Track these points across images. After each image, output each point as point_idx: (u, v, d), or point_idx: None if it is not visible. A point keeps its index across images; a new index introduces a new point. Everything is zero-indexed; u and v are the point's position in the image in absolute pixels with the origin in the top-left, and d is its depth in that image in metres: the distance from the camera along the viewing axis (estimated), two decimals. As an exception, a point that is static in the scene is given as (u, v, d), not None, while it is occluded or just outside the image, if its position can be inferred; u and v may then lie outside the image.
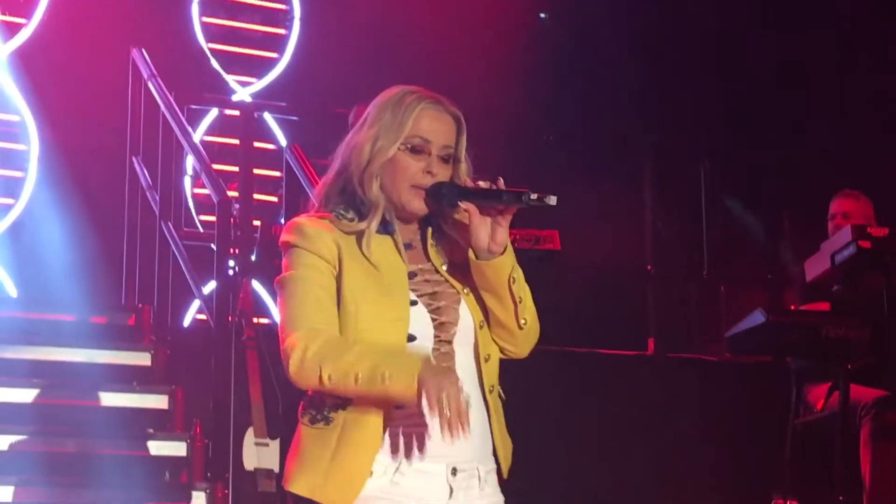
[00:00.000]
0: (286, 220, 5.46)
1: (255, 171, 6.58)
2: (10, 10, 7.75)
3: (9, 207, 7.50)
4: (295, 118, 7.91)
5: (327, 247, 3.11)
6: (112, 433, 5.28)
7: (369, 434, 3.03)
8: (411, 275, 3.14)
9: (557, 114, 8.38)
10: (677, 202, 8.84)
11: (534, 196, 3.05)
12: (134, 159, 6.40)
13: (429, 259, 3.19)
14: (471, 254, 3.12)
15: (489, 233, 3.09)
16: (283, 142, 5.45)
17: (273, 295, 6.41)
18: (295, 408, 5.30)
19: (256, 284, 6.48)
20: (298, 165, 5.11)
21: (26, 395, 5.36)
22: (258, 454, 5.53)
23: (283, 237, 3.17)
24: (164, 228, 6.03)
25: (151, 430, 5.39)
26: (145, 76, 6.34)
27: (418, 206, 3.13)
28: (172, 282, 5.98)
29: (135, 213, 6.37)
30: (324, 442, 3.05)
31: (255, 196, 6.55)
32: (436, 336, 3.11)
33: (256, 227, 6.39)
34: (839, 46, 8.69)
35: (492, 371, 3.19)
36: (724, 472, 6.51)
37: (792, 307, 6.65)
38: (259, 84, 8.44)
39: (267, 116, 7.87)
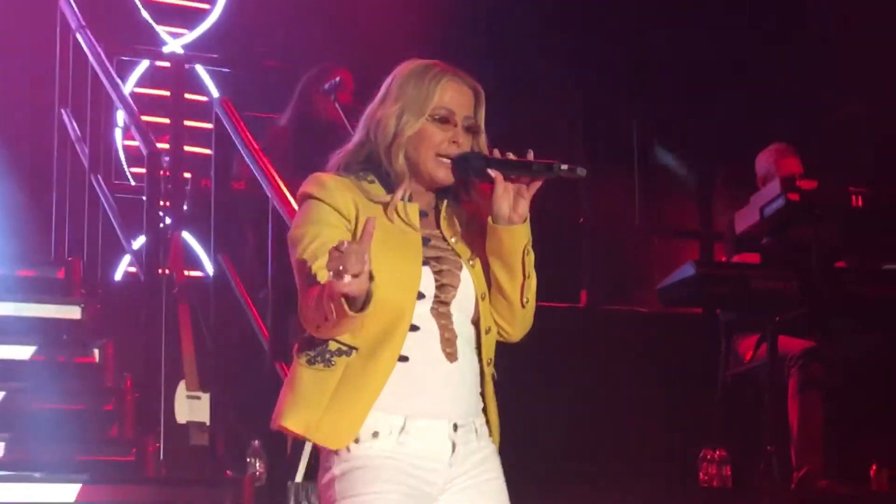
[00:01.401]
0: (216, 173, 5.47)
1: (186, 123, 6.55)
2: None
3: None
4: (226, 70, 7.90)
5: (345, 203, 3.14)
6: (42, 387, 5.25)
7: (370, 382, 3.07)
8: (425, 240, 3.18)
9: (494, 70, 8.38)
10: (610, 156, 8.88)
11: (564, 167, 3.11)
12: (62, 111, 6.35)
13: (439, 228, 3.23)
14: (490, 220, 3.17)
15: (511, 203, 3.15)
16: (215, 94, 5.43)
17: (205, 247, 6.40)
18: (225, 361, 5.32)
19: (188, 237, 6.47)
20: (228, 119, 5.08)
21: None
22: (190, 407, 5.53)
23: (303, 188, 3.19)
24: (93, 181, 5.98)
25: (80, 386, 5.37)
26: (74, 26, 6.28)
27: (444, 174, 3.17)
28: (103, 235, 5.94)
29: (64, 166, 6.33)
30: (323, 383, 3.07)
31: (187, 148, 6.53)
32: (435, 296, 3.15)
33: (187, 179, 6.37)
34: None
35: (490, 344, 3.25)
36: (654, 422, 6.56)
37: (723, 259, 6.71)
38: (190, 35, 8.33)
39: (198, 68, 7.84)
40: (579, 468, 5.64)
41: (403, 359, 3.09)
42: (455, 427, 3.14)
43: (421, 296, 3.13)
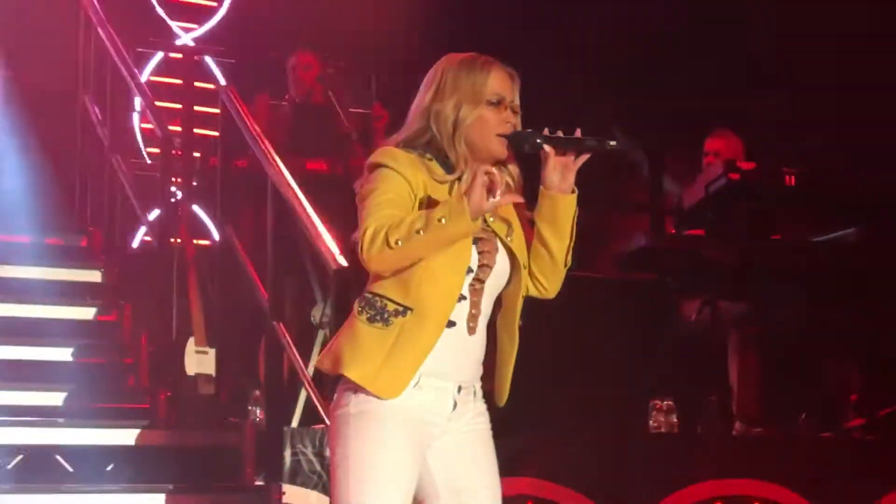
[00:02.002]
0: (222, 153, 5.49)
1: (196, 108, 6.55)
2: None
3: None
4: (232, 61, 7.91)
5: (415, 176, 3.20)
6: (67, 343, 5.28)
7: (423, 343, 3.13)
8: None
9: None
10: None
11: (612, 143, 3.22)
12: (85, 97, 6.35)
13: None
14: (542, 189, 3.24)
15: (561, 174, 3.22)
16: (222, 82, 5.46)
17: (212, 218, 6.42)
18: (229, 320, 5.36)
19: (197, 209, 6.49)
20: (233, 104, 5.10)
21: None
22: (198, 361, 5.56)
23: (375, 159, 3.22)
24: (113, 160, 6.00)
25: (102, 342, 5.40)
26: (96, 22, 6.28)
27: (502, 151, 3.24)
28: (121, 208, 5.96)
29: (86, 146, 6.35)
30: (381, 340, 3.13)
31: (196, 131, 6.54)
32: (476, 274, 3.20)
33: (197, 158, 6.39)
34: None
35: (520, 308, 3.31)
36: (610, 375, 6.59)
37: (672, 231, 6.74)
38: (200, 30, 8.38)
39: (207, 59, 7.84)
40: (544, 416, 5.67)
41: (451, 324, 3.18)
42: (459, 389, 3.23)
43: (470, 270, 3.19)
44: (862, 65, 8.10)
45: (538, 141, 3.22)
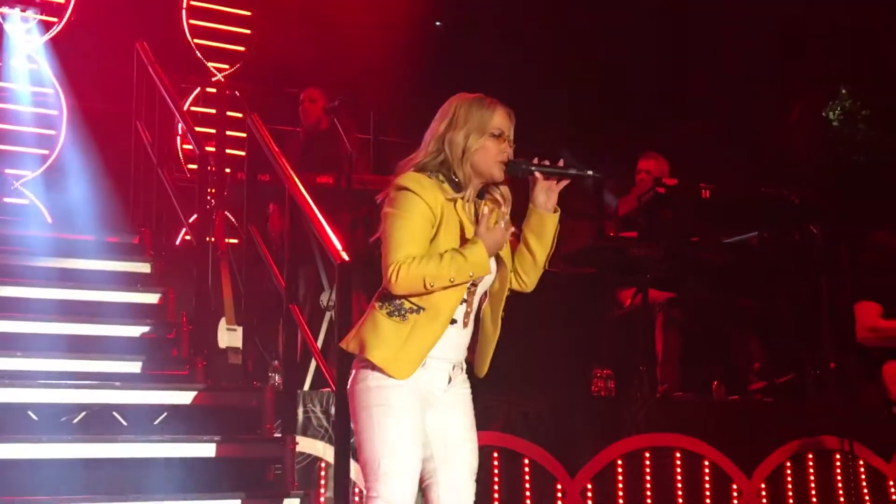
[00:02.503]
0: (248, 169, 5.48)
1: (228, 132, 6.54)
2: (45, 11, 7.60)
3: (46, 157, 7.40)
4: (256, 94, 7.89)
5: (437, 201, 3.24)
6: (121, 321, 5.26)
7: (432, 336, 3.21)
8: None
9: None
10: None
11: (590, 172, 3.34)
12: (138, 122, 6.31)
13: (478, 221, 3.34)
14: (531, 207, 3.32)
15: (546, 195, 3.30)
16: (248, 111, 5.44)
17: (238, 221, 6.39)
18: (253, 303, 5.33)
19: (228, 214, 6.46)
20: (257, 129, 5.08)
21: (60, 294, 5.33)
22: (228, 336, 5.54)
23: (404, 182, 3.24)
24: (160, 173, 5.97)
25: (150, 320, 5.37)
26: (146, 62, 6.24)
27: (500, 175, 3.30)
28: (166, 212, 5.93)
29: (138, 162, 6.29)
30: (398, 332, 3.20)
31: (228, 151, 6.53)
32: (473, 282, 3.28)
33: (228, 173, 6.35)
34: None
35: (503, 301, 3.38)
36: (559, 350, 6.59)
37: (610, 234, 6.74)
38: (231, 69, 8.39)
39: (236, 93, 7.81)
40: (508, 382, 5.66)
41: (453, 321, 3.26)
42: (453, 367, 3.31)
43: (470, 275, 3.24)
44: (762, 105, 8.14)
45: (531, 168, 3.29)
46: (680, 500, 5.61)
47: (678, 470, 5.64)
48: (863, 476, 5.99)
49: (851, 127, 8.40)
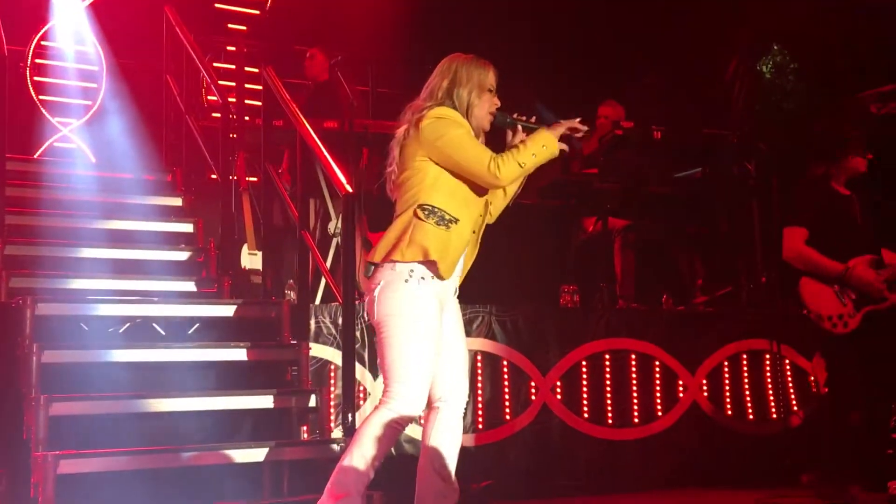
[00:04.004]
0: (264, 116, 5.42)
1: (246, 85, 6.47)
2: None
3: (89, 108, 7.31)
4: (269, 51, 7.78)
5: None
6: (158, 247, 5.24)
7: (463, 243, 3.30)
8: None
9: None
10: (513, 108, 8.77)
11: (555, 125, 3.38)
12: (167, 75, 6.23)
13: None
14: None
15: (520, 139, 3.39)
16: (263, 66, 5.36)
17: (257, 161, 6.34)
18: (271, 231, 5.32)
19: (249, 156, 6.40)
20: (271, 81, 5.02)
21: (104, 224, 5.30)
22: (250, 259, 5.54)
23: (442, 113, 3.31)
24: (188, 120, 5.90)
25: (183, 245, 5.35)
26: (174, 23, 6.14)
27: (488, 124, 3.42)
28: (195, 154, 5.88)
29: (169, 111, 6.22)
30: (446, 237, 3.26)
31: (246, 101, 6.46)
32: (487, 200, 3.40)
33: (247, 120, 6.30)
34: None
35: (483, 225, 3.47)
36: (533, 269, 6.59)
37: (575, 171, 6.73)
38: (248, 30, 8.25)
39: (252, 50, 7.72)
40: (488, 296, 5.65)
41: (473, 232, 3.36)
42: (457, 280, 3.41)
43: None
44: (705, 60, 8.07)
45: (513, 120, 3.41)
46: (635, 394, 5.67)
47: (633, 369, 5.68)
48: (788, 372, 6.05)
49: (782, 78, 8.35)
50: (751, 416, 5.92)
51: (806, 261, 4.85)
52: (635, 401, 5.64)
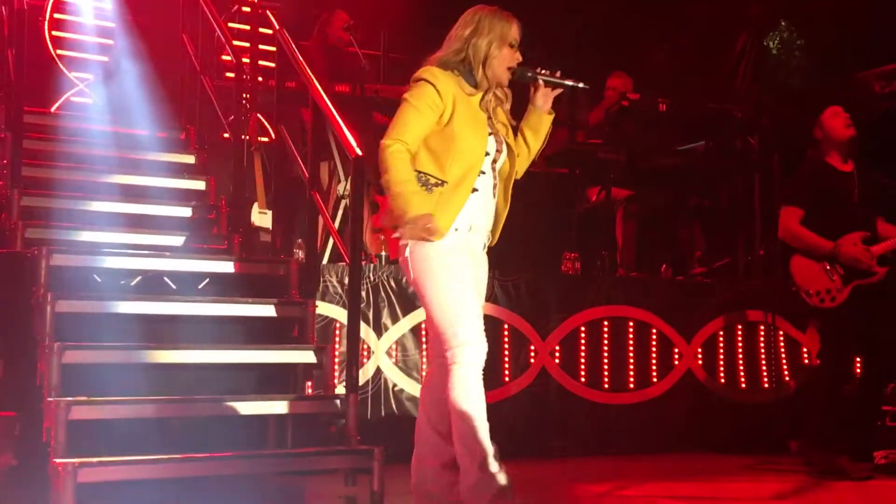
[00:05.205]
0: (278, 77, 5.40)
1: (260, 46, 6.42)
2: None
3: (105, 63, 7.29)
4: (285, 13, 7.70)
5: (449, 91, 3.24)
6: (171, 202, 5.25)
7: (456, 203, 3.21)
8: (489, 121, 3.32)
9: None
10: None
11: (581, 84, 3.36)
12: (184, 35, 6.20)
13: (489, 117, 3.34)
14: (531, 107, 3.35)
15: (544, 99, 3.35)
16: (277, 26, 5.31)
17: (270, 122, 6.34)
18: (281, 191, 5.33)
19: (260, 116, 6.40)
20: (285, 43, 5.00)
21: (118, 179, 5.29)
22: (260, 218, 5.55)
23: (420, 75, 3.26)
24: (202, 80, 5.89)
25: (195, 202, 5.36)
26: (190, -17, 6.11)
27: (507, 79, 3.32)
28: (209, 112, 5.87)
29: (184, 70, 6.18)
30: (427, 201, 3.18)
31: (260, 62, 6.41)
32: (493, 157, 3.30)
33: (260, 81, 6.27)
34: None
35: (511, 179, 3.40)
36: (538, 236, 6.56)
37: (580, 140, 6.72)
38: (263, -8, 8.19)
39: (268, 12, 7.63)
40: (490, 262, 5.70)
41: (475, 190, 3.25)
42: (486, 236, 3.37)
43: (487, 153, 3.27)
44: (714, 36, 8.02)
45: (536, 76, 3.33)
46: (631, 360, 5.70)
47: (630, 336, 5.72)
48: (782, 344, 6.08)
49: (788, 55, 8.29)
50: (743, 385, 5.96)
51: (798, 240, 4.91)
52: (631, 367, 5.68)
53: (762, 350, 6.03)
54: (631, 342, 5.70)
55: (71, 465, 3.22)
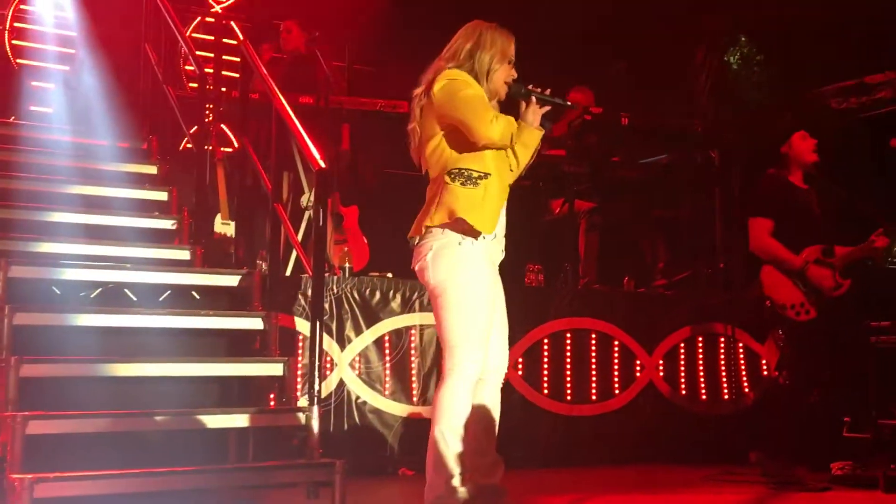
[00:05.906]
0: (241, 88, 5.37)
1: (224, 56, 6.39)
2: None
3: (66, 72, 7.21)
4: (248, 24, 7.67)
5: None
6: (132, 213, 5.17)
7: (499, 195, 3.33)
8: None
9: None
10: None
11: (569, 103, 3.47)
12: (146, 45, 6.15)
13: None
14: (521, 122, 3.37)
15: (533, 114, 3.38)
16: (241, 37, 5.28)
17: (234, 133, 6.29)
18: (244, 201, 5.28)
19: (223, 126, 6.36)
20: (250, 55, 4.97)
21: (79, 189, 5.20)
22: (223, 229, 5.51)
23: (455, 75, 3.32)
24: (165, 89, 5.83)
25: (157, 213, 5.30)
26: (153, -5, 6.06)
27: (504, 93, 3.40)
28: (171, 123, 5.81)
29: (146, 79, 6.13)
30: (474, 196, 3.25)
31: (224, 72, 6.38)
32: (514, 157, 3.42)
33: (224, 91, 6.23)
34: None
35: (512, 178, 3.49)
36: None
37: (544, 152, 6.73)
38: (227, 2, 8.12)
39: (232, 23, 7.60)
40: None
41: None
42: (503, 242, 3.48)
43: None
44: (674, 50, 8.07)
45: (530, 92, 3.38)
46: (594, 372, 5.71)
47: (593, 348, 5.73)
48: (741, 355, 6.13)
49: (748, 69, 8.39)
50: (704, 397, 5.99)
51: (768, 253, 4.96)
52: (594, 378, 5.68)
53: (722, 362, 6.07)
54: (593, 354, 5.71)
55: (27, 480, 3.16)
